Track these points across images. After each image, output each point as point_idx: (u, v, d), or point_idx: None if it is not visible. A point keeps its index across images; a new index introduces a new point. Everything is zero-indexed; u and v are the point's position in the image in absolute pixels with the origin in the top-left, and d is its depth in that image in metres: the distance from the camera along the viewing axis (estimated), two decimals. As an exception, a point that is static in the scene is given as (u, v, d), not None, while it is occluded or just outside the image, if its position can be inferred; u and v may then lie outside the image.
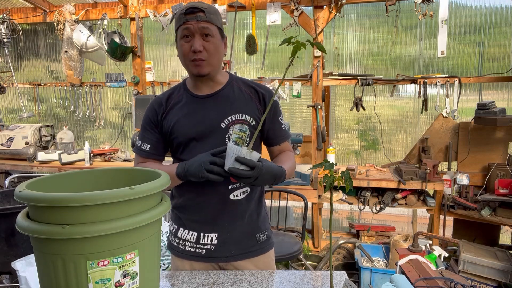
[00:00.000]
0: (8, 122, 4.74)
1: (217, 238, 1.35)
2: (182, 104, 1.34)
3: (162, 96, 1.38)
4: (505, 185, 2.86)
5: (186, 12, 1.22)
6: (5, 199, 2.20)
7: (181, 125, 1.31)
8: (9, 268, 1.81)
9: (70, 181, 0.98)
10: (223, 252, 1.36)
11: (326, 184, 0.95)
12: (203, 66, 1.25)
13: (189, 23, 1.22)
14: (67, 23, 3.87)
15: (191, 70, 1.28)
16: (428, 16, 3.10)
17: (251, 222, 1.39)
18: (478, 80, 3.31)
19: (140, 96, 3.66)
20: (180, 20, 1.24)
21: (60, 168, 3.55)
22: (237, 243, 1.37)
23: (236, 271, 1.34)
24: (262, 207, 1.45)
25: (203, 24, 1.21)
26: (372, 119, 3.82)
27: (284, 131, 1.43)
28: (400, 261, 1.56)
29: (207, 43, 1.23)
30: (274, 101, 1.34)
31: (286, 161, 1.35)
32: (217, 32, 1.25)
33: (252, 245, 1.39)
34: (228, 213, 1.34)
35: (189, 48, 1.23)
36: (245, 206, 1.36)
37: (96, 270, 0.76)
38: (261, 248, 1.41)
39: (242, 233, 1.37)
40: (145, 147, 1.37)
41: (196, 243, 1.36)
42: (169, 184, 0.91)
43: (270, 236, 1.46)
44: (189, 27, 1.22)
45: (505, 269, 2.37)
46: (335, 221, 4.07)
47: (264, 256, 1.42)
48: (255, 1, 3.44)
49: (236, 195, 1.33)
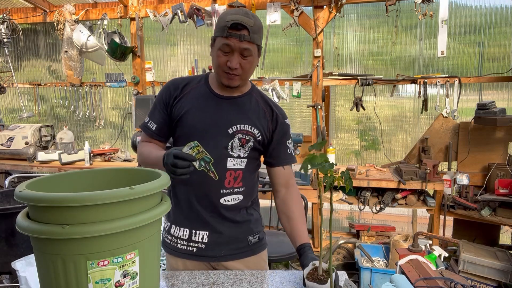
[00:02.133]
0: (8, 122, 4.74)
1: (208, 237, 1.36)
2: (199, 95, 1.33)
3: (181, 80, 1.36)
4: (505, 185, 2.86)
5: (231, 27, 1.18)
6: (5, 199, 2.20)
7: (191, 115, 1.30)
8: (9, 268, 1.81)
9: (70, 181, 0.98)
10: (214, 251, 1.37)
11: (326, 184, 0.95)
12: (235, 80, 1.26)
13: (231, 40, 1.19)
14: (67, 23, 3.87)
15: (222, 80, 1.27)
16: (428, 16, 3.10)
17: (242, 225, 1.39)
18: (478, 80, 3.31)
19: (140, 96, 3.66)
20: (222, 31, 1.20)
21: (60, 168, 3.55)
22: (228, 244, 1.37)
23: (236, 271, 1.34)
24: (256, 210, 1.45)
25: (245, 44, 1.19)
26: (372, 119, 3.82)
27: (289, 155, 1.40)
28: (400, 261, 1.56)
29: (244, 61, 1.23)
30: (286, 124, 1.38)
31: (302, 223, 1.35)
32: (255, 50, 1.24)
33: (243, 247, 1.40)
34: (218, 215, 1.34)
35: (225, 61, 1.22)
36: (236, 211, 1.36)
37: (96, 270, 0.76)
38: (252, 249, 1.42)
39: (233, 235, 1.37)
40: (151, 125, 1.36)
41: (188, 241, 1.37)
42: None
43: (262, 237, 1.46)
44: (230, 44, 1.19)
45: (505, 269, 2.36)
46: (335, 221, 4.07)
47: (256, 257, 1.43)
48: (255, 1, 3.44)
49: (227, 200, 1.33)
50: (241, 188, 1.35)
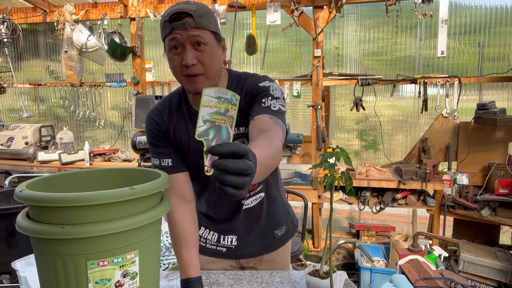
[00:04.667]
0: (8, 122, 4.74)
1: (237, 240, 1.35)
2: (186, 120, 1.19)
3: (162, 110, 1.20)
4: (505, 185, 2.86)
5: (171, 19, 1.00)
6: (5, 199, 2.20)
7: (191, 146, 1.19)
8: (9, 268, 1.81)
9: (70, 181, 0.98)
10: (244, 250, 1.36)
11: (326, 184, 0.95)
12: (199, 82, 1.04)
13: (176, 32, 1.00)
14: (67, 23, 3.87)
15: (186, 87, 1.09)
16: (428, 16, 3.10)
17: (267, 221, 1.35)
18: (478, 80, 3.31)
19: (140, 96, 3.66)
20: (165, 29, 1.03)
21: (60, 168, 3.55)
22: (256, 241, 1.36)
23: (236, 271, 1.35)
24: (279, 203, 1.39)
25: (193, 31, 1.00)
26: (372, 119, 3.82)
27: (265, 108, 1.07)
28: (400, 261, 1.56)
29: (200, 54, 1.02)
30: (259, 86, 1.13)
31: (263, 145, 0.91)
32: (211, 38, 1.03)
33: (270, 242, 1.38)
34: (242, 219, 1.32)
35: (180, 62, 1.02)
36: (259, 210, 1.32)
37: (96, 270, 0.76)
38: (280, 241, 1.40)
39: (260, 233, 1.35)
40: (166, 163, 1.18)
41: (217, 243, 1.37)
42: None
43: (289, 227, 1.42)
44: (177, 37, 1.00)
45: (505, 269, 2.36)
46: (335, 221, 4.07)
47: (283, 248, 1.42)
48: (255, 1, 3.44)
49: (248, 204, 1.29)
50: (259, 187, 1.30)
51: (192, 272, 1.17)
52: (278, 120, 1.04)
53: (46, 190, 0.89)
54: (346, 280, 1.19)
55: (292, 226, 1.44)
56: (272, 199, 1.35)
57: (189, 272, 1.16)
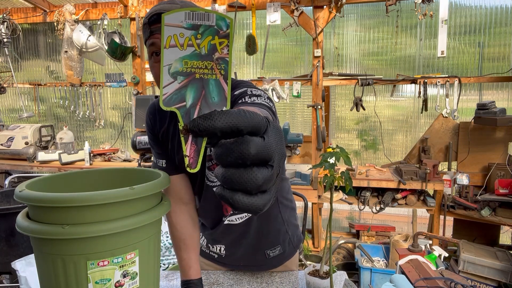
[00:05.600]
0: (8, 122, 4.74)
1: (225, 249, 1.30)
2: (173, 132, 1.12)
3: (158, 107, 1.15)
4: (505, 185, 2.86)
5: (150, 21, 0.91)
6: (5, 199, 2.20)
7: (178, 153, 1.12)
8: (9, 268, 1.81)
9: (70, 181, 0.98)
10: (233, 261, 1.32)
11: (326, 184, 0.95)
12: None
13: (156, 36, 0.91)
14: (67, 23, 3.87)
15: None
16: (428, 16, 3.10)
17: (257, 239, 1.24)
18: (478, 80, 3.31)
19: (140, 96, 3.66)
20: (145, 33, 0.94)
21: (60, 168, 3.55)
22: (245, 256, 1.29)
23: (236, 271, 1.34)
24: (275, 222, 1.25)
25: None
26: (372, 119, 3.82)
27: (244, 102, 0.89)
28: (400, 261, 1.55)
29: None
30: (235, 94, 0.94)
31: None
32: None
33: (262, 260, 1.29)
34: (226, 233, 1.24)
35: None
36: (246, 227, 1.21)
37: (96, 270, 0.76)
38: (272, 263, 1.30)
39: (250, 248, 1.26)
40: (160, 163, 1.16)
41: (207, 249, 1.35)
42: None
43: (284, 250, 1.29)
44: (157, 42, 0.91)
45: (505, 269, 2.36)
46: (335, 221, 4.07)
47: (283, 267, 1.33)
48: (255, 1, 3.44)
49: (231, 220, 1.19)
50: None
51: (192, 274, 1.16)
52: (263, 111, 0.78)
53: (46, 190, 0.89)
54: (346, 280, 1.19)
55: (290, 247, 1.31)
56: (266, 216, 1.21)
57: (189, 274, 1.16)
